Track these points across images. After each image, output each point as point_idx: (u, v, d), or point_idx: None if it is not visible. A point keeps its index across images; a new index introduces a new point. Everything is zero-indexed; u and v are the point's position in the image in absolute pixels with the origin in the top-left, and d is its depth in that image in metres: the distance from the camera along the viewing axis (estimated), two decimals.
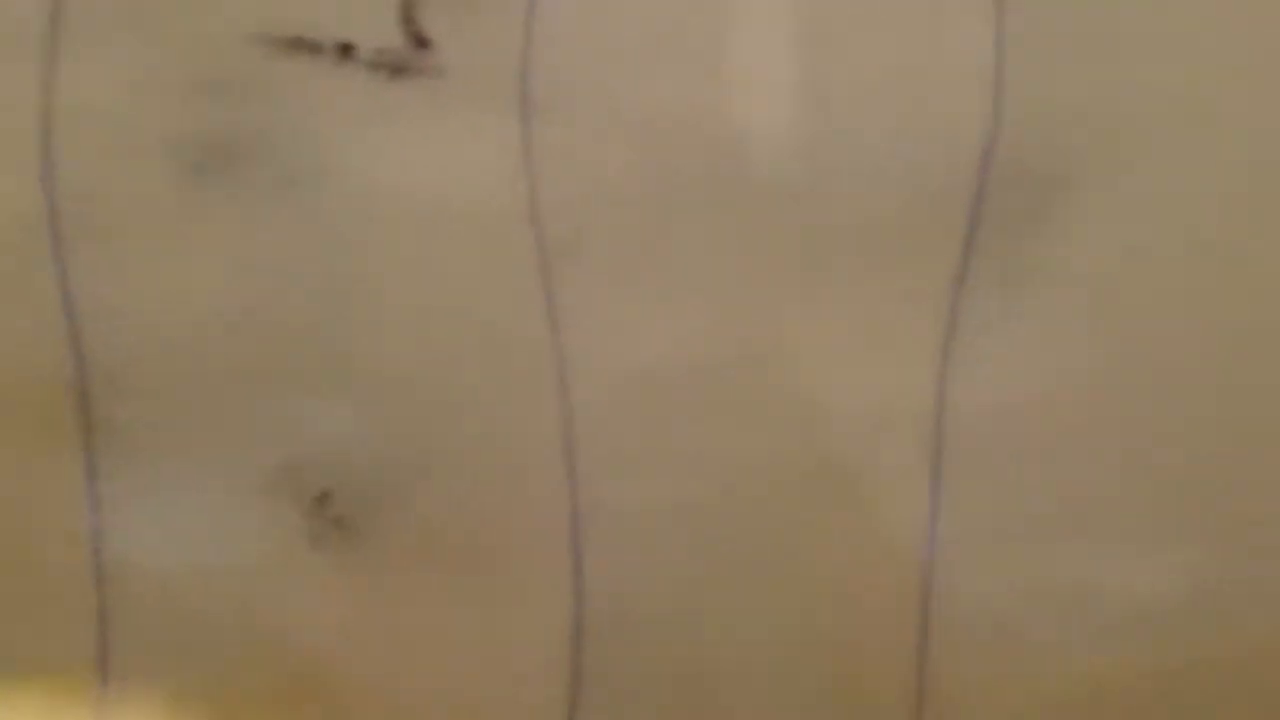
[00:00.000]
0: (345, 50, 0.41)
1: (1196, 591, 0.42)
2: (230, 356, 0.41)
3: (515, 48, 0.41)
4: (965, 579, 0.42)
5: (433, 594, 0.42)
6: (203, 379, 0.42)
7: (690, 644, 0.42)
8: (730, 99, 0.41)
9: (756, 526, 0.42)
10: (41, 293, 0.41)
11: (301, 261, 0.41)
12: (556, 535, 0.42)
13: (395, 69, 0.41)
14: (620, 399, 0.42)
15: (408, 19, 0.41)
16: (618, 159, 0.41)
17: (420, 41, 0.41)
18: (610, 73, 0.41)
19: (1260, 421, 0.42)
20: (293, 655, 0.42)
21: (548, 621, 0.42)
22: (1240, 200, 0.41)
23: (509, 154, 0.41)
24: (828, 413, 0.42)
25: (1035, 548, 0.42)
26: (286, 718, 0.42)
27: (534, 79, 0.41)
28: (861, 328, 0.41)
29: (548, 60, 0.41)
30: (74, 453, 0.41)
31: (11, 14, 0.40)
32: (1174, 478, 0.42)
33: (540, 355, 0.41)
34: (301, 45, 0.41)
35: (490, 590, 0.42)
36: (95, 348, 0.41)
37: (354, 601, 0.42)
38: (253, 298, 0.41)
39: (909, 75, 0.41)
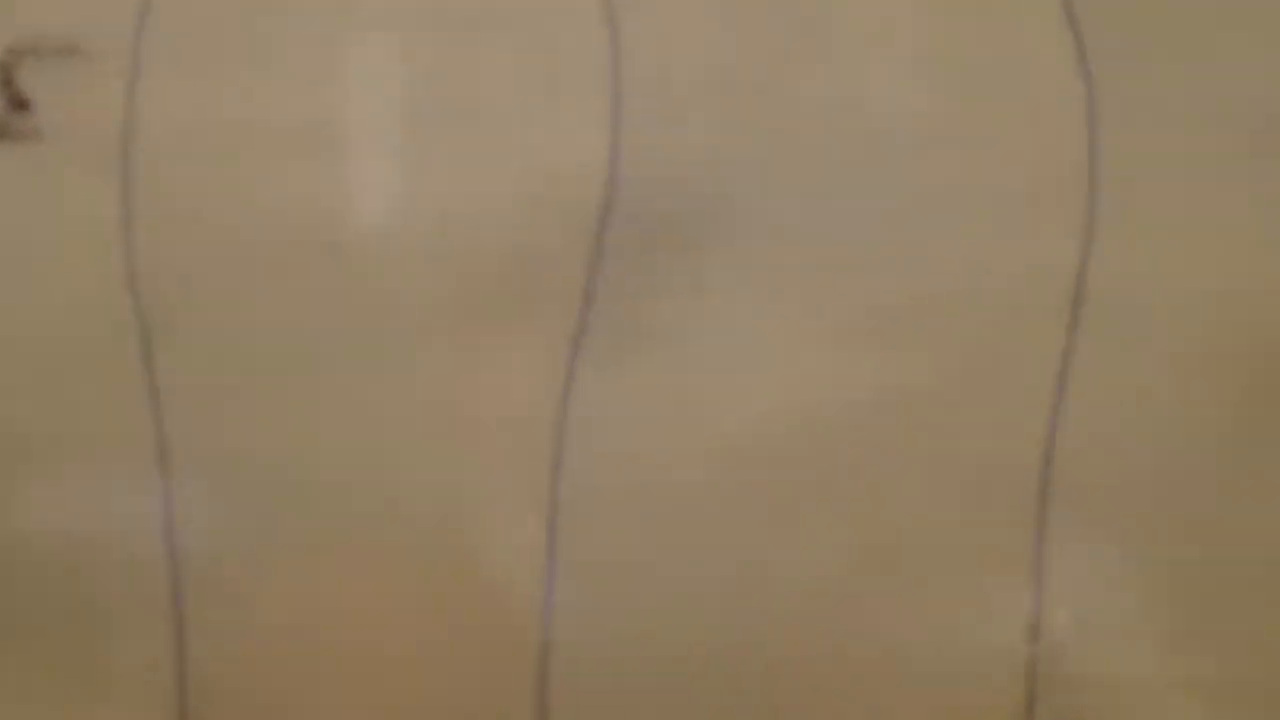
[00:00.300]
0: None
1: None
2: None
3: (117, 112, 0.39)
4: (582, 642, 0.39)
5: (34, 686, 0.40)
6: None
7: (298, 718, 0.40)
8: (336, 164, 0.39)
9: (369, 597, 0.40)
10: None
11: None
12: (159, 618, 0.40)
13: None
14: (220, 475, 0.40)
15: (6, 80, 0.39)
16: (218, 226, 0.39)
17: (19, 104, 0.39)
18: (213, 137, 0.39)
19: (902, 492, 0.40)
20: None
21: (152, 705, 0.40)
22: (871, 264, 0.40)
23: (108, 219, 0.39)
24: (444, 477, 0.40)
25: (651, 605, 0.40)
26: None
27: (135, 144, 0.39)
28: (476, 393, 0.40)
29: (150, 126, 0.39)
30: None
31: None
32: (795, 535, 0.40)
33: (139, 429, 0.39)
34: None
35: (92, 679, 0.40)
36: None
37: None
38: None
39: (525, 137, 0.40)
